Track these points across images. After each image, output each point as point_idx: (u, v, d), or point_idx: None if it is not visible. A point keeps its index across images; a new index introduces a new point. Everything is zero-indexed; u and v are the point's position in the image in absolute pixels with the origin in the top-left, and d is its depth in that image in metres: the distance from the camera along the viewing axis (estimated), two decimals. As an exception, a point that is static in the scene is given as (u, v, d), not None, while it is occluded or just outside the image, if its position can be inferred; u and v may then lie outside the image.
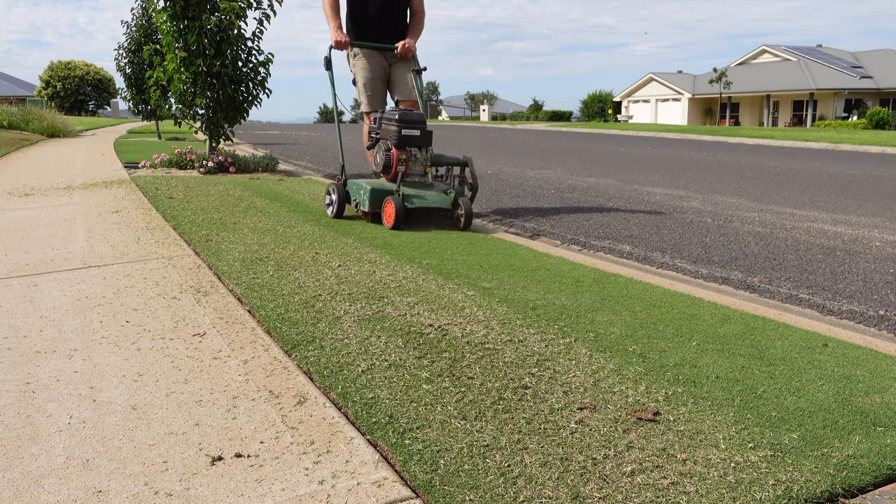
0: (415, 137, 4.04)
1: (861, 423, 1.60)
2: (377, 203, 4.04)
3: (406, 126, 4.00)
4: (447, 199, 4.01)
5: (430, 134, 4.10)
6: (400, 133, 3.98)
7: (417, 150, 4.10)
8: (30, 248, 3.40)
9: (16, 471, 1.36)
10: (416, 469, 1.36)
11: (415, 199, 3.95)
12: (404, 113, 4.00)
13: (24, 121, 15.11)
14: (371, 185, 4.08)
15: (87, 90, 43.68)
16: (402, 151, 4.03)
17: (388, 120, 4.07)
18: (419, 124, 4.04)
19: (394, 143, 4.01)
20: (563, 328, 2.23)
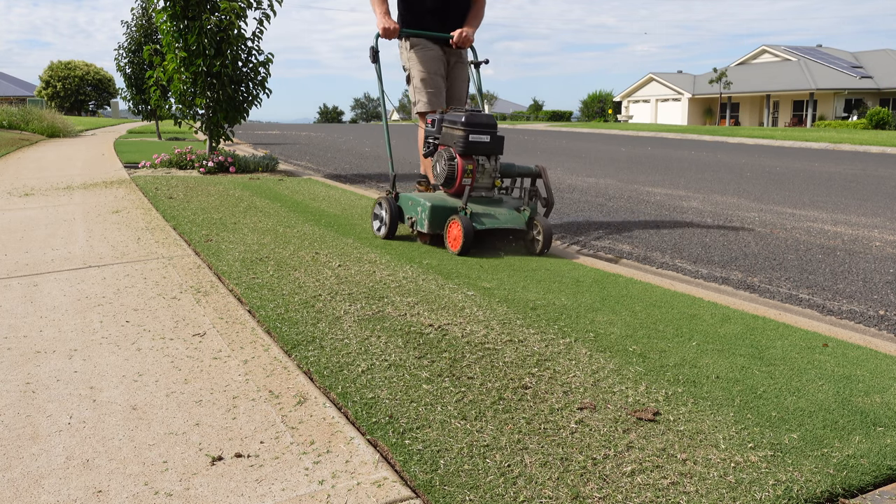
0: (484, 144, 3.39)
1: (861, 423, 1.60)
2: (438, 223, 3.39)
3: (474, 130, 3.35)
4: (521, 217, 3.38)
5: (501, 140, 3.44)
6: (467, 139, 3.33)
7: (486, 159, 3.44)
8: (30, 248, 3.40)
9: (16, 471, 1.36)
10: (416, 469, 1.36)
11: (484, 218, 3.29)
12: (472, 115, 3.37)
13: (24, 121, 15.11)
14: (431, 200, 3.42)
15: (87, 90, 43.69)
16: (469, 160, 3.38)
17: (452, 123, 3.44)
18: (489, 128, 3.40)
19: (459, 150, 3.37)
20: (563, 328, 2.23)
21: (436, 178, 3.52)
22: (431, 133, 3.64)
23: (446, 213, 3.39)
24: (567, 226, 4.69)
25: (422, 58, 3.91)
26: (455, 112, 3.48)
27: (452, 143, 3.41)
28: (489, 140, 3.40)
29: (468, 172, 3.39)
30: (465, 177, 3.39)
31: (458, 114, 3.43)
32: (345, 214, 4.50)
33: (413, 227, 3.54)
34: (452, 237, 3.30)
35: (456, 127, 3.40)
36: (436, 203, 3.40)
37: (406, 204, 3.61)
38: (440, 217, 3.40)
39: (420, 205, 3.46)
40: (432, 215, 3.39)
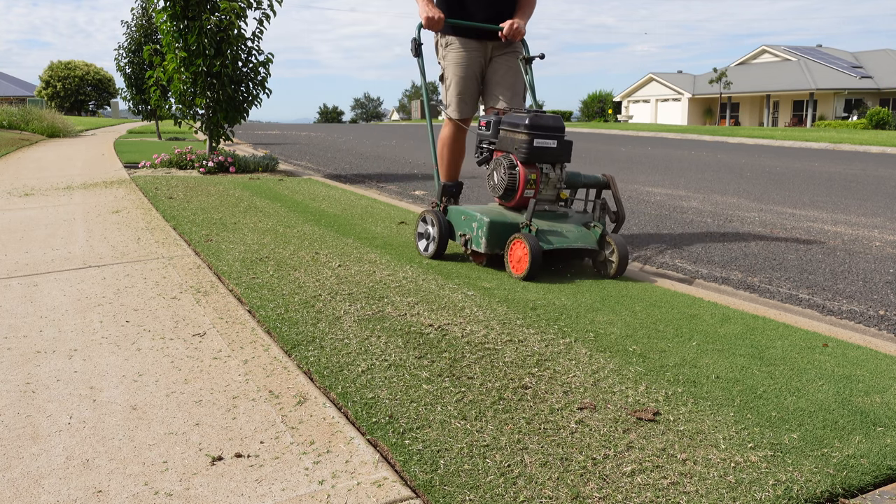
0: (550, 150, 2.95)
1: (861, 423, 1.60)
2: (498, 241, 2.93)
3: (539, 134, 2.91)
4: (592, 235, 2.95)
5: (569, 146, 3.01)
6: (531, 144, 2.90)
7: (550, 168, 3.00)
8: (30, 248, 3.40)
9: (16, 471, 1.36)
10: (416, 469, 1.36)
11: (551, 236, 2.86)
12: (537, 116, 2.93)
13: (24, 121, 15.11)
14: (488, 215, 2.95)
15: (87, 90, 43.70)
16: (532, 169, 2.95)
17: (513, 125, 2.99)
18: (556, 131, 2.95)
19: (521, 157, 2.93)
20: (563, 328, 2.23)
21: (492, 189, 3.09)
22: (485, 137, 3.21)
23: (507, 231, 2.92)
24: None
25: (457, 59, 3.52)
26: (516, 113, 3.03)
27: (513, 149, 2.97)
28: (556, 145, 2.96)
29: (531, 183, 2.94)
30: (528, 188, 2.94)
31: (521, 115, 2.98)
32: (345, 214, 4.50)
33: (467, 245, 3.04)
34: (515, 259, 2.84)
35: (518, 130, 2.95)
36: (494, 218, 2.92)
37: (457, 218, 3.13)
38: (500, 235, 2.92)
39: (475, 220, 2.97)
40: (491, 232, 2.91)
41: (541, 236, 2.84)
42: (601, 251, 2.96)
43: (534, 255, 2.74)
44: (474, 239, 3.00)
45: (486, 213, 2.99)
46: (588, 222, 3.02)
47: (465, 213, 3.08)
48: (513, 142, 2.99)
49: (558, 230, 2.91)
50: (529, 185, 2.96)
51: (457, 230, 3.13)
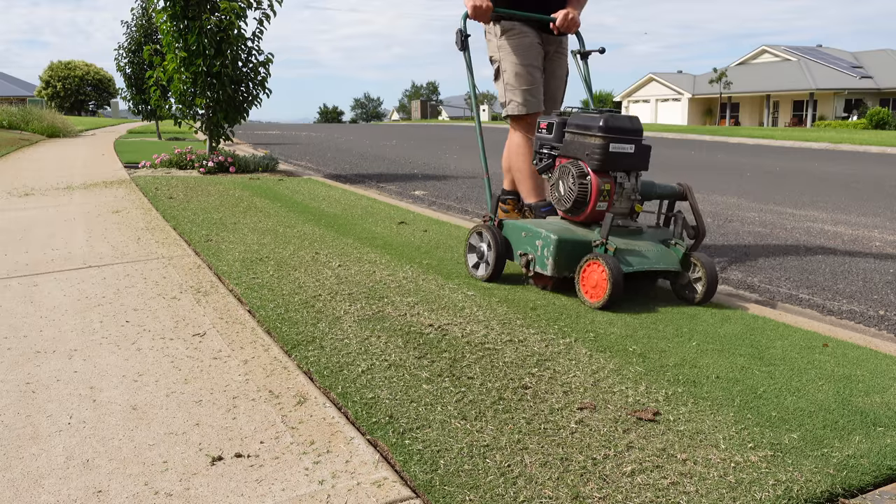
0: (627, 157, 2.58)
1: (861, 423, 1.60)
2: (568, 262, 2.54)
3: (616, 138, 2.54)
4: (674, 255, 2.58)
5: (647, 151, 2.65)
6: (606, 150, 2.52)
7: (625, 177, 2.63)
8: (30, 248, 3.40)
9: (16, 471, 1.36)
10: (416, 469, 1.36)
11: (630, 256, 2.49)
12: (612, 117, 2.57)
13: (24, 121, 15.11)
14: (555, 231, 2.56)
15: (87, 90, 43.71)
16: (606, 178, 2.57)
17: (583, 128, 2.61)
18: (634, 135, 2.59)
19: (594, 164, 2.55)
20: (563, 328, 2.23)
21: (557, 201, 2.69)
22: (547, 141, 2.80)
23: (578, 250, 2.54)
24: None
25: (516, 46, 3.15)
26: (586, 113, 2.66)
27: (583, 155, 2.59)
28: (633, 151, 2.58)
29: (605, 194, 2.57)
30: (601, 200, 2.57)
31: (592, 115, 2.61)
32: (345, 214, 4.50)
33: (528, 267, 2.63)
34: (591, 284, 2.45)
35: (590, 133, 2.57)
36: (563, 235, 2.53)
37: (516, 235, 2.72)
38: (570, 254, 2.54)
39: (539, 237, 2.58)
40: (559, 252, 2.51)
41: (619, 257, 2.46)
42: (684, 273, 2.58)
43: (615, 279, 2.35)
44: (538, 259, 2.58)
45: (553, 229, 2.58)
46: (667, 239, 2.65)
47: (525, 228, 2.66)
48: (583, 146, 2.60)
49: (637, 249, 2.53)
50: (603, 196, 2.56)
51: (516, 248, 2.72)
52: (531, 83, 3.16)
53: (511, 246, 2.75)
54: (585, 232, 2.62)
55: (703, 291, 2.53)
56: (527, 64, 3.15)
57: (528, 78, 3.15)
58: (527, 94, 3.16)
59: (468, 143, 15.89)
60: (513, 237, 2.74)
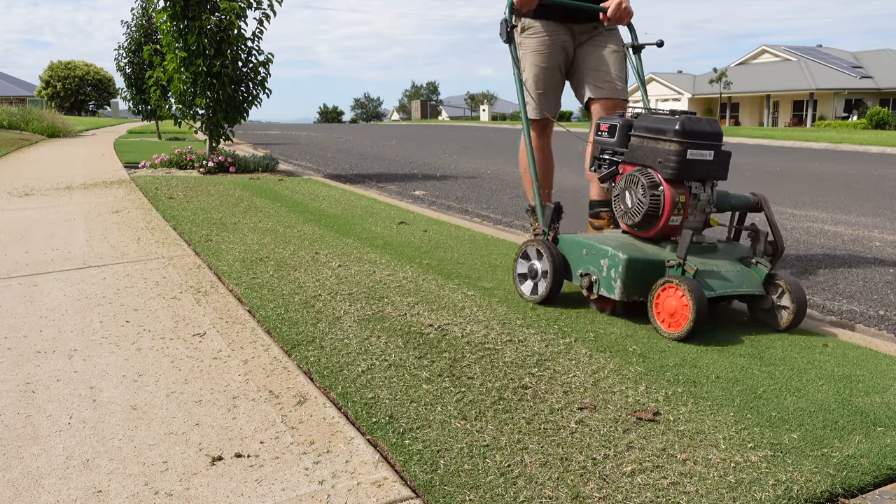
0: (705, 164, 2.29)
1: (861, 423, 1.60)
2: (639, 285, 2.24)
3: (694, 143, 2.24)
4: (755, 276, 2.29)
5: (727, 158, 2.36)
6: (683, 156, 2.23)
7: (700, 187, 2.34)
8: (30, 248, 3.40)
9: (16, 471, 1.36)
10: (416, 469, 1.36)
11: (710, 278, 2.20)
12: (690, 119, 2.26)
13: (24, 121, 15.11)
14: (623, 249, 2.26)
15: (87, 90, 43.72)
16: (681, 189, 2.28)
17: (655, 131, 2.31)
18: (714, 140, 2.29)
19: (668, 173, 2.25)
20: (563, 328, 2.23)
21: (623, 214, 2.39)
22: (609, 145, 2.51)
23: (650, 271, 2.24)
24: (567, 226, 4.69)
25: (534, 46, 2.94)
26: (657, 115, 2.37)
27: (654, 162, 2.30)
28: (712, 158, 2.29)
29: (680, 207, 2.27)
30: (675, 213, 2.27)
31: (665, 117, 2.31)
32: (345, 214, 4.50)
33: (591, 288, 2.33)
34: (668, 311, 2.15)
35: (664, 138, 2.27)
36: (633, 254, 2.23)
37: (575, 252, 2.41)
38: (641, 276, 2.23)
39: (605, 255, 2.28)
40: (629, 273, 2.21)
41: (699, 279, 2.17)
42: (767, 296, 2.29)
43: (698, 307, 2.05)
44: (603, 281, 2.28)
45: (620, 246, 2.28)
46: (745, 257, 2.36)
47: (587, 245, 2.36)
48: (654, 153, 2.30)
49: (716, 270, 2.24)
50: (677, 209, 2.26)
51: (575, 267, 2.41)
52: (546, 85, 2.98)
53: (569, 264, 2.44)
54: (656, 250, 2.32)
55: (789, 318, 2.23)
56: (546, 65, 2.95)
57: (543, 80, 2.97)
58: (541, 97, 2.99)
59: (468, 143, 15.90)
60: (572, 255, 2.43)
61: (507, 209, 5.42)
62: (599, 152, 2.56)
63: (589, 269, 2.35)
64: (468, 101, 69.21)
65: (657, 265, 2.25)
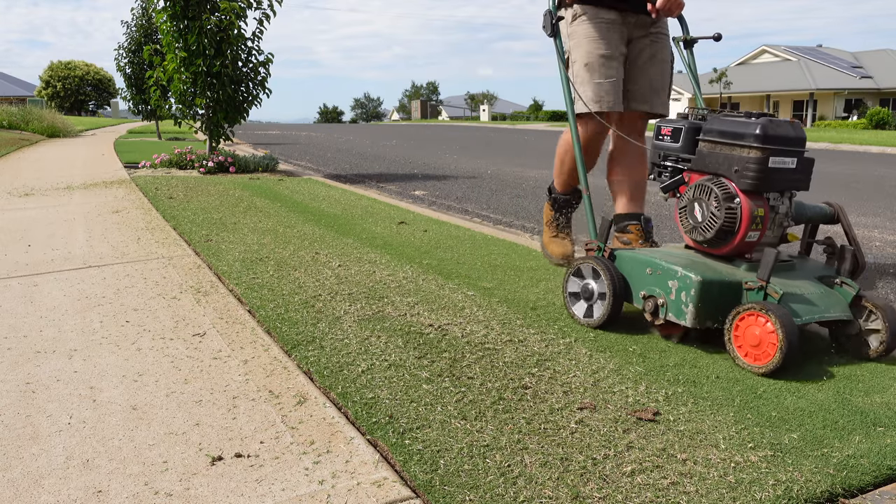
0: (787, 173, 2.04)
1: (861, 423, 1.60)
2: (713, 311, 1.99)
3: (777, 149, 1.99)
4: (841, 298, 2.05)
5: (810, 165, 2.09)
6: (764, 164, 1.98)
7: (779, 198, 2.10)
8: (30, 248, 3.40)
9: (16, 471, 1.36)
10: (416, 469, 1.36)
11: (795, 303, 1.96)
12: (771, 122, 2.01)
13: (24, 121, 15.11)
14: (694, 269, 1.99)
15: (87, 90, 43.72)
16: (759, 201, 2.04)
17: (730, 135, 2.05)
18: (797, 146, 2.03)
19: (746, 183, 2.01)
20: (563, 328, 2.23)
21: (691, 229, 2.14)
22: (672, 151, 2.26)
23: (725, 294, 1.99)
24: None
25: (590, 32, 2.65)
26: (731, 117, 2.11)
27: (730, 171, 2.04)
28: (795, 166, 2.04)
29: (758, 221, 2.03)
30: (753, 229, 2.03)
31: (742, 120, 2.05)
32: (345, 214, 4.50)
33: (657, 313, 2.08)
34: (751, 342, 1.88)
35: (741, 143, 2.02)
36: (707, 276, 1.98)
37: (637, 271, 2.16)
38: (716, 300, 1.98)
39: (674, 276, 2.02)
40: (703, 297, 1.96)
41: (784, 304, 1.92)
42: (855, 320, 2.02)
43: (789, 337, 1.79)
44: (672, 305, 2.02)
45: (691, 265, 2.02)
46: (826, 276, 2.12)
47: (651, 263, 2.10)
48: (729, 160, 2.05)
49: (798, 292, 1.99)
50: (755, 224, 2.02)
51: (636, 288, 2.15)
52: (606, 75, 2.62)
53: (628, 284, 2.18)
54: (730, 269, 2.07)
55: (880, 345, 1.97)
56: (601, 53, 2.62)
57: (602, 70, 2.62)
58: (599, 90, 2.63)
59: (468, 143, 15.90)
60: (632, 273, 2.17)
61: (507, 209, 5.42)
62: (661, 158, 2.30)
63: (654, 290, 2.08)
64: (468, 101, 69.23)
65: (733, 287, 2.00)
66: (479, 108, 61.69)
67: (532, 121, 48.20)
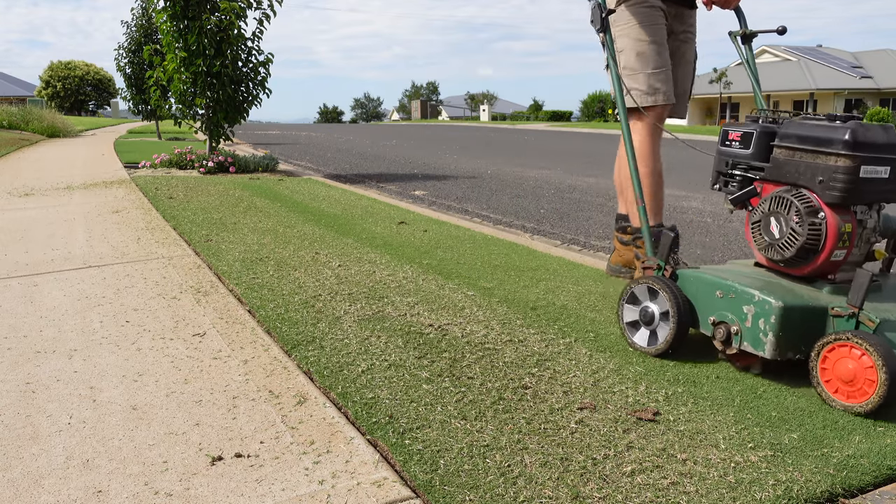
0: (880, 184, 1.81)
1: (861, 423, 1.60)
2: (797, 340, 1.76)
3: (869, 157, 1.77)
4: None
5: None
6: (855, 175, 1.76)
7: (867, 211, 1.88)
8: (30, 248, 3.40)
9: (16, 471, 1.36)
10: (416, 469, 1.36)
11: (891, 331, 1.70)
12: (861, 126, 1.79)
13: (24, 121, 15.11)
14: (774, 293, 1.76)
15: (87, 90, 43.73)
16: (846, 216, 1.82)
17: (814, 141, 1.83)
18: (891, 151, 1.80)
19: (832, 196, 1.78)
20: (563, 328, 2.23)
21: (767, 247, 1.90)
22: (741, 158, 2.01)
23: (810, 322, 1.77)
24: (567, 226, 4.69)
25: (641, 18, 2.47)
26: (812, 120, 1.88)
27: (813, 182, 1.82)
28: (888, 176, 1.81)
29: (845, 238, 1.82)
30: (840, 247, 1.82)
31: (828, 124, 1.82)
32: (345, 214, 4.50)
33: (729, 341, 1.84)
34: (844, 377, 1.66)
35: (828, 151, 1.79)
36: (789, 301, 1.75)
37: (704, 293, 1.92)
38: (799, 328, 1.75)
39: (751, 301, 1.78)
40: (785, 325, 1.73)
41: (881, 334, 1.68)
42: None
43: (892, 373, 1.56)
44: (747, 333, 1.79)
45: (768, 289, 1.79)
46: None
47: (722, 285, 1.87)
48: (812, 169, 1.83)
49: (893, 318, 1.72)
50: (842, 241, 1.81)
51: (705, 313, 1.91)
52: (660, 65, 2.43)
53: (694, 307, 1.95)
54: (812, 293, 1.84)
55: None
56: (654, 41, 2.42)
57: (656, 59, 2.42)
58: (653, 80, 2.44)
59: (468, 143, 15.90)
60: (700, 296, 1.93)
61: (507, 209, 5.42)
62: (729, 165, 2.04)
63: (726, 316, 1.85)
64: (468, 101, 69.23)
65: (817, 313, 1.77)
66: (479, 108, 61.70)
67: (532, 121, 48.23)
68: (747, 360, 1.89)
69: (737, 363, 1.92)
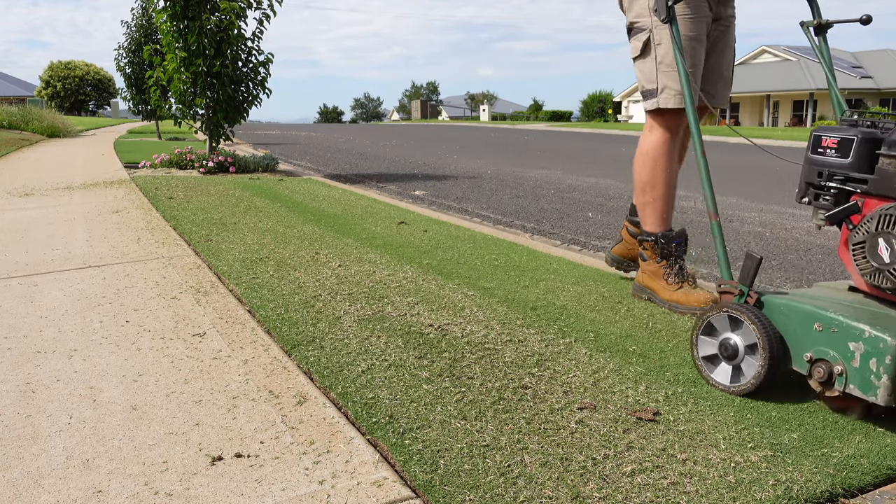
0: None
1: (861, 423, 1.60)
2: None
3: None
4: None
5: None
6: None
7: None
8: (30, 248, 3.40)
9: (16, 471, 1.36)
10: (416, 469, 1.36)
11: None
12: None
13: (24, 121, 15.12)
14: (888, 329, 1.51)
15: (87, 90, 43.73)
16: None
17: None
18: None
19: None
20: (563, 328, 2.23)
21: (872, 272, 1.65)
22: (838, 168, 1.75)
23: None
24: (567, 226, 4.69)
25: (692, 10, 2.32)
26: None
27: None
28: None
29: None
30: None
31: None
32: (345, 214, 4.50)
33: (830, 382, 1.60)
34: None
35: None
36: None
37: (799, 324, 1.67)
38: None
39: (859, 336, 1.53)
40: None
41: None
42: None
43: None
44: (854, 374, 1.55)
45: (879, 321, 1.55)
46: None
47: (823, 318, 1.61)
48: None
49: None
50: None
51: (800, 348, 1.66)
52: (695, 62, 2.31)
53: (785, 341, 1.69)
54: None
55: None
56: (693, 37, 2.27)
57: (693, 55, 2.30)
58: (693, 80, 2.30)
59: (468, 143, 15.90)
60: (792, 328, 1.68)
61: (507, 209, 5.42)
62: (822, 177, 1.78)
63: (826, 353, 1.60)
64: (468, 101, 69.23)
65: None
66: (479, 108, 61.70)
67: (532, 121, 48.23)
68: (848, 403, 1.63)
69: (836, 406, 1.66)
